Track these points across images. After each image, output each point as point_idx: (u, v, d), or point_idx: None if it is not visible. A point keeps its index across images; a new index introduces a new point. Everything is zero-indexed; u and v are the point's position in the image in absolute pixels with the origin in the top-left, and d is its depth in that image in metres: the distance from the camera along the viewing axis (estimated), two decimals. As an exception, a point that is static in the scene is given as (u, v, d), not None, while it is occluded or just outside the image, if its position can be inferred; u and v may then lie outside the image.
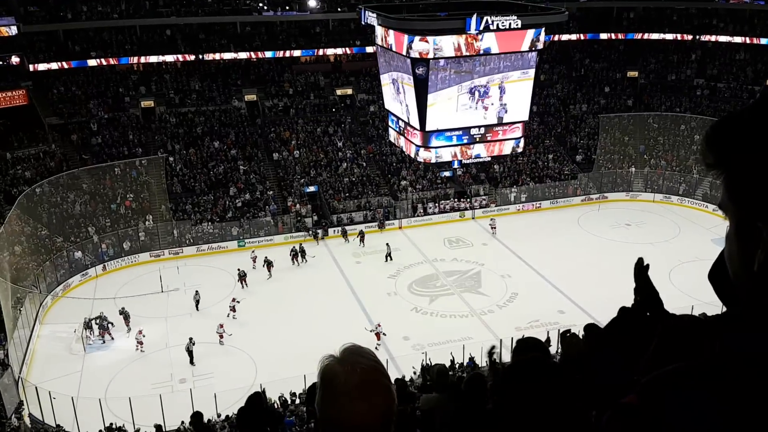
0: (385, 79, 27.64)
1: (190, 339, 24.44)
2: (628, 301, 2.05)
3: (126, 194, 36.41)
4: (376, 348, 24.57)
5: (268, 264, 31.83)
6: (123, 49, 42.01)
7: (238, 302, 27.68)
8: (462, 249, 34.83)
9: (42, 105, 39.63)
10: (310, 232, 36.02)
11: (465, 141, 25.70)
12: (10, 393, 22.03)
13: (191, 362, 24.28)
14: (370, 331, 25.22)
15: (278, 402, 19.90)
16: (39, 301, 28.53)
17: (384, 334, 25.30)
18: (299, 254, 33.32)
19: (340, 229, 36.17)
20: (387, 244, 33.61)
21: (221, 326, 25.96)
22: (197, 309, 28.26)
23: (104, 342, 26.16)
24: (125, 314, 26.90)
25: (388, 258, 33.04)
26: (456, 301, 29.29)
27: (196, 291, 28.59)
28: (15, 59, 38.96)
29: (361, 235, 35.21)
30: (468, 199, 40.03)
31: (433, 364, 19.62)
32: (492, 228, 36.75)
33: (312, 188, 38.77)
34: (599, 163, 43.21)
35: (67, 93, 40.88)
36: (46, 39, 40.85)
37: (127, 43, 42.31)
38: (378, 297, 29.33)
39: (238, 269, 30.87)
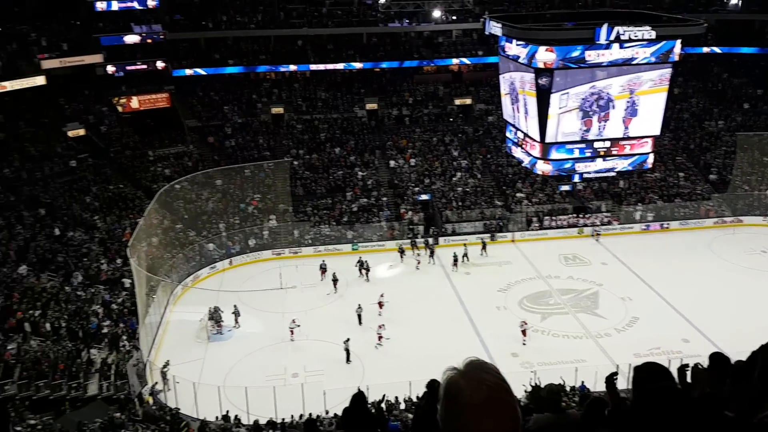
0: (506, 89, 27.32)
1: (347, 339, 25.11)
2: (764, 333, 1.96)
3: (254, 194, 38.49)
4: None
5: (365, 267, 32.52)
6: (258, 58, 44.55)
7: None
8: (579, 267, 33.57)
9: (183, 108, 42.89)
10: (422, 242, 36.07)
11: (587, 154, 24.83)
12: (140, 374, 23.96)
13: (347, 360, 24.84)
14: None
15: (383, 405, 20.17)
16: (170, 289, 30.78)
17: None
18: (430, 253, 34.06)
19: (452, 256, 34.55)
20: (464, 244, 33.88)
21: (294, 321, 26.79)
22: (360, 323, 27.73)
23: (221, 333, 27.69)
24: (236, 312, 28.30)
25: (464, 259, 33.13)
26: (570, 321, 28.27)
27: (359, 305, 28.01)
28: (160, 64, 42.47)
29: (483, 245, 34.97)
30: (588, 216, 38.53)
31: (542, 384, 19.10)
32: (596, 234, 36.07)
33: (425, 196, 39.02)
34: (735, 184, 40.06)
35: (206, 98, 43.93)
36: (189, 46, 44.15)
37: (262, 53, 44.82)
38: (486, 310, 28.94)
39: (333, 274, 31.54)
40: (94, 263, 30.32)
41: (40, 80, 37.04)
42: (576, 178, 28.45)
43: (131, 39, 41.47)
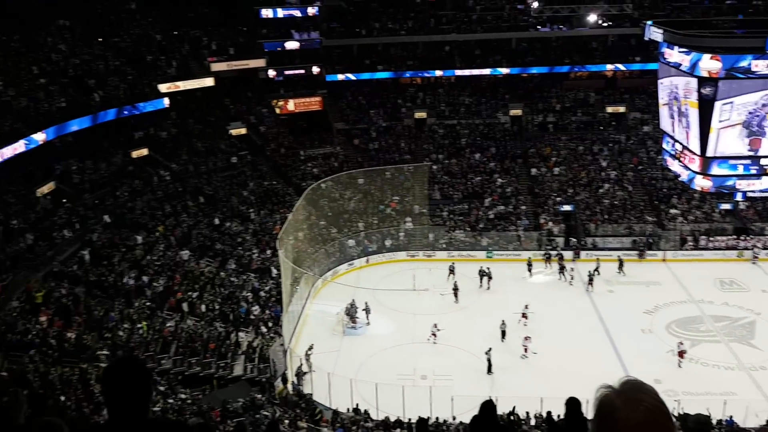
0: (664, 98, 25.72)
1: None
2: None
3: (393, 196, 39.44)
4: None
5: (487, 276, 32.00)
6: (405, 63, 45.57)
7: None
8: (736, 293, 30.75)
9: (333, 111, 44.94)
10: (556, 254, 34.72)
11: (752, 171, 22.75)
12: (279, 360, 25.48)
13: (489, 371, 24.68)
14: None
15: (512, 417, 19.85)
16: (312, 282, 32.40)
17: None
18: (560, 268, 32.98)
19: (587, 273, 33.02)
20: (597, 259, 32.22)
21: (435, 326, 26.84)
22: (503, 339, 26.93)
23: (357, 328, 28.66)
24: (367, 309, 29.11)
25: (595, 273, 31.59)
26: (722, 350, 26.01)
27: (503, 321, 27.10)
28: (315, 69, 44.79)
29: (620, 262, 33.14)
30: (749, 238, 35.13)
31: (687, 413, 17.81)
32: (755, 258, 33.41)
33: (567, 207, 37.69)
34: None
35: (354, 102, 45.67)
36: (342, 52, 46.14)
37: (410, 59, 45.76)
38: (629, 331, 27.40)
39: (454, 284, 31.25)
40: (247, 252, 32.66)
41: (209, 81, 40.52)
42: (738, 197, 26.15)
43: (291, 45, 44.15)
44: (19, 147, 27.47)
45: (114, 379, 2.34)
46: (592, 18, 43.67)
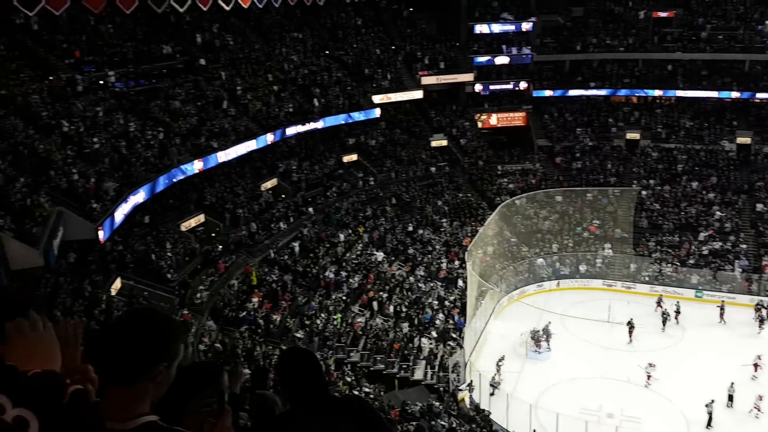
0: None
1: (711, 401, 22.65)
2: None
3: (592, 220, 37.68)
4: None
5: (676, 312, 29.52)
6: (621, 81, 43.34)
7: None
8: None
9: (536, 127, 44.21)
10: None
11: None
12: (458, 371, 25.67)
13: (708, 424, 22.58)
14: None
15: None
16: (497, 298, 32.16)
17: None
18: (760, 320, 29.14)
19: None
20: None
21: (651, 365, 24.91)
22: (730, 404, 23.68)
23: (541, 352, 27.85)
24: (548, 333, 28.05)
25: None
26: None
27: (732, 384, 23.65)
28: (523, 84, 44.42)
29: None
30: None
31: None
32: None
33: (802, 252, 32.99)
34: None
35: (560, 118, 44.45)
36: (553, 68, 45.18)
37: (626, 76, 43.43)
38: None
39: (630, 321, 28.83)
40: (436, 261, 33.44)
41: (418, 94, 42.18)
42: None
43: (501, 60, 44.31)
44: (251, 145, 31.04)
45: (286, 368, 2.56)
46: None
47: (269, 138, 32.20)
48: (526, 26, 44.07)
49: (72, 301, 18.97)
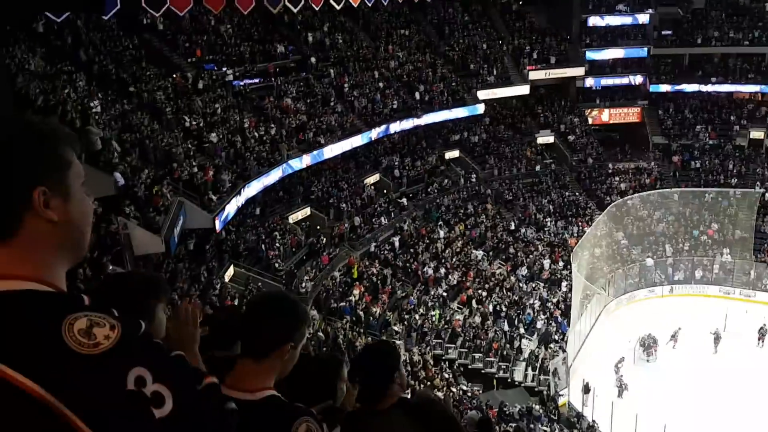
0: None
1: None
2: None
3: (711, 223, 35.40)
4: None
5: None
6: (746, 76, 40.35)
7: None
8: None
9: (652, 123, 42.02)
10: None
11: None
12: (560, 375, 24.99)
13: None
14: None
15: None
16: (604, 302, 30.97)
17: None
18: None
19: None
20: None
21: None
22: None
23: (649, 360, 26.59)
24: (655, 340, 26.67)
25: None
26: None
27: None
28: (638, 79, 42.37)
29: None
30: None
31: None
32: None
33: None
34: None
35: (678, 115, 42.01)
36: (672, 62, 42.74)
37: (752, 72, 40.37)
38: None
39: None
40: (539, 261, 32.69)
41: (524, 89, 41.19)
42: None
43: (615, 53, 42.47)
44: (356, 141, 31.71)
45: (366, 360, 2.66)
46: None
47: (374, 134, 32.74)
48: (642, 18, 41.95)
49: (189, 286, 20.27)
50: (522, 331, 27.77)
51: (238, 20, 32.24)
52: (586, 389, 23.55)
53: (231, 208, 22.72)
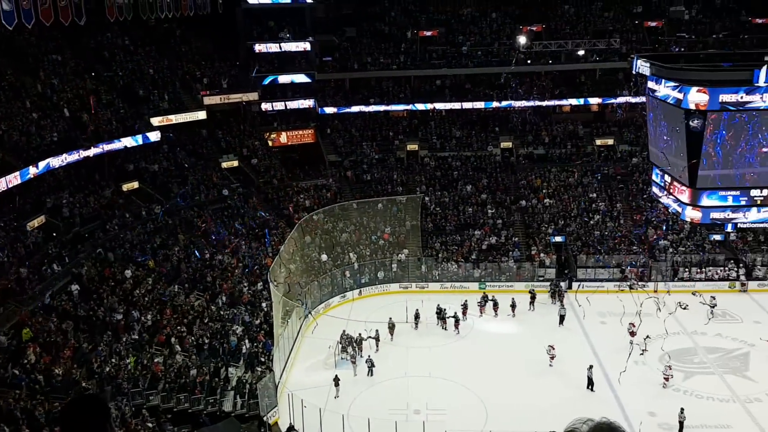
0: (653, 130, 26.04)
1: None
2: None
3: (385, 228, 39.43)
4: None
5: (449, 316, 31.72)
6: (397, 97, 46.14)
7: None
8: (729, 324, 30.76)
9: (325, 143, 45.22)
10: (550, 287, 34.76)
11: (742, 203, 22.92)
12: (270, 395, 25.06)
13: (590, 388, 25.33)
14: None
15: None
16: (304, 314, 32.11)
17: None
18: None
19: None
20: (562, 305, 32.06)
21: (552, 348, 27.30)
22: (591, 388, 25.63)
23: (348, 361, 28.31)
24: (359, 341, 28.87)
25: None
26: (716, 382, 25.90)
27: (591, 366, 26.01)
28: (309, 102, 45.24)
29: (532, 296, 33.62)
30: (742, 269, 35.32)
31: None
32: (742, 286, 34.23)
33: (559, 238, 37.79)
34: None
35: (346, 134, 45.99)
36: (335, 86, 46.68)
37: (402, 92, 46.34)
38: (622, 364, 27.22)
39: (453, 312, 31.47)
40: (238, 285, 32.39)
41: (201, 115, 40.68)
42: (729, 228, 26.29)
43: (284, 79, 44.64)
44: (11, 180, 27.34)
45: (72, 419, 2.33)
46: (580, 53, 44.43)
47: (32, 171, 28.68)
48: (304, 46, 44.94)
49: None
50: (227, 359, 27.07)
51: None
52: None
53: None
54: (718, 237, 35.80)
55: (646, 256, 36.12)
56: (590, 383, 25.38)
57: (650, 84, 24.82)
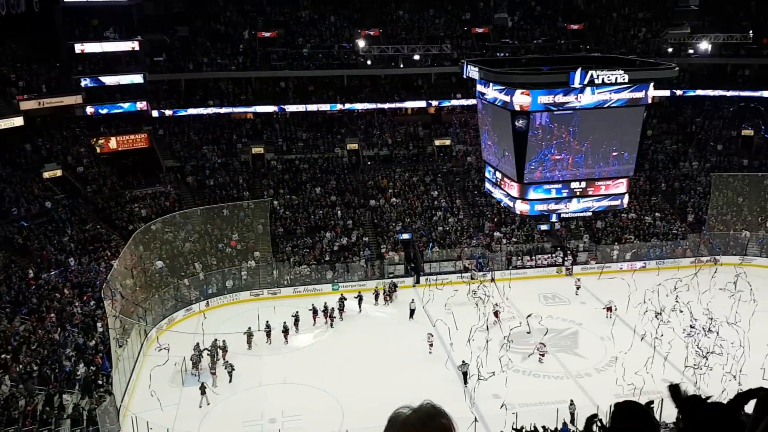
0: (484, 131, 27.71)
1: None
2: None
3: (232, 235, 38.18)
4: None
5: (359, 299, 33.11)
6: (238, 98, 44.89)
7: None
8: (558, 306, 33.63)
9: (161, 148, 42.80)
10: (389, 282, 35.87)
11: (564, 194, 25.10)
12: (111, 420, 23.21)
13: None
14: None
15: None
16: (145, 332, 30.13)
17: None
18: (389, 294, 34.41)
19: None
20: (412, 300, 33.32)
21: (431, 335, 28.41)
22: (466, 384, 26.21)
23: (197, 376, 27.02)
24: (213, 354, 27.76)
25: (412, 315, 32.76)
26: (550, 360, 28.15)
27: (464, 361, 26.96)
28: (140, 105, 42.55)
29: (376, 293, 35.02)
30: (566, 255, 38.85)
31: (522, 426, 18.89)
32: (567, 270, 37.58)
33: (406, 236, 39.08)
34: (711, 224, 40.76)
35: (185, 138, 43.92)
36: (169, 87, 44.38)
37: (243, 94, 45.16)
38: (467, 350, 28.67)
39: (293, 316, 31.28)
40: (68, 306, 29.63)
41: (18, 121, 36.80)
42: (554, 218, 28.68)
43: (111, 80, 41.61)
44: None
45: None
46: (415, 57, 46.26)
47: None
48: (132, 45, 42.27)
49: None
50: (61, 385, 24.63)
51: None
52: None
53: None
54: (545, 227, 39.03)
55: (484, 248, 38.46)
56: (465, 378, 26.16)
57: (479, 87, 26.32)
